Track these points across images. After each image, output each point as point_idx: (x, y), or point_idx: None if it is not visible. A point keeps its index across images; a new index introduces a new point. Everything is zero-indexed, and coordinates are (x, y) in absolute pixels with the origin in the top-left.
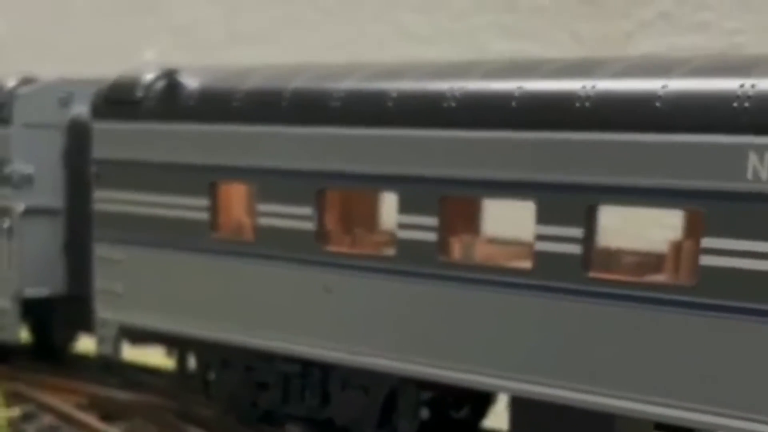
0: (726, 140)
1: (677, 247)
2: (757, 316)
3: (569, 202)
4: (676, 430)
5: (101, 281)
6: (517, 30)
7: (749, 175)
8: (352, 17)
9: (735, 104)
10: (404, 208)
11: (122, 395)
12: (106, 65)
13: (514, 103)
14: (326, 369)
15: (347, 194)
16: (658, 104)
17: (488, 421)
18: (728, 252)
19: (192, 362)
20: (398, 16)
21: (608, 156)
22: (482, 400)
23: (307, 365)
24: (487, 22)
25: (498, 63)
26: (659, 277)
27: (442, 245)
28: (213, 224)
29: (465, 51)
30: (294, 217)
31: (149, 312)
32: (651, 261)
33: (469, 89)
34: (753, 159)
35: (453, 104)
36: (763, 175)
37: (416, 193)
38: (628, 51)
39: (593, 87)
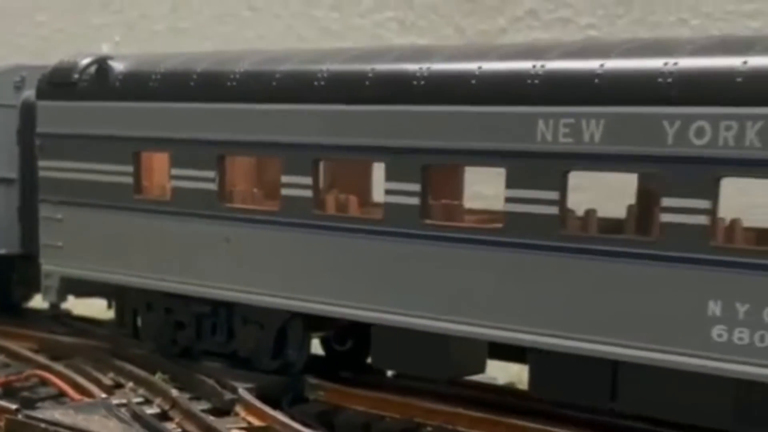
0: (521, 110)
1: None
2: (547, 251)
3: (405, 163)
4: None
5: (45, 238)
6: (412, 25)
7: (538, 137)
8: (277, 14)
9: (528, 81)
10: (287, 170)
11: (67, 340)
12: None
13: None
14: (230, 308)
15: (242, 160)
16: (473, 82)
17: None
18: (520, 199)
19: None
20: (315, 13)
21: (440, 124)
22: (363, 336)
23: (215, 306)
24: (388, 18)
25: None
26: (476, 222)
27: (318, 201)
28: (136, 187)
29: (371, 43)
30: (200, 179)
31: (85, 263)
32: (480, 214)
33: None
34: (541, 125)
35: (323, 83)
36: (549, 137)
37: (297, 158)
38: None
39: (428, 68)
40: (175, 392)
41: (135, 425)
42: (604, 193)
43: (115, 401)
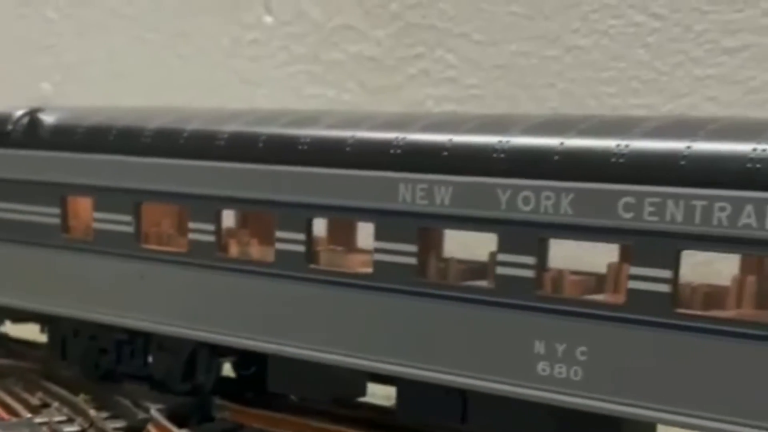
0: (387, 175)
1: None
2: (408, 295)
3: (292, 215)
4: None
5: None
6: (321, 78)
7: (400, 198)
8: (203, 63)
9: (391, 151)
10: (194, 217)
11: (1, 361)
12: (10, 96)
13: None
14: (147, 336)
15: (156, 206)
16: (348, 149)
17: None
18: (386, 250)
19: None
20: (236, 64)
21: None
22: (263, 362)
23: (133, 334)
24: (299, 71)
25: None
26: (355, 269)
27: (220, 245)
28: (63, 227)
29: (284, 92)
30: (119, 222)
31: (19, 293)
32: (359, 258)
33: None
34: (402, 188)
35: (223, 143)
36: (409, 198)
37: (202, 207)
38: (400, 97)
39: (311, 135)
40: (93, 412)
41: None
42: (460, 247)
43: (38, 420)
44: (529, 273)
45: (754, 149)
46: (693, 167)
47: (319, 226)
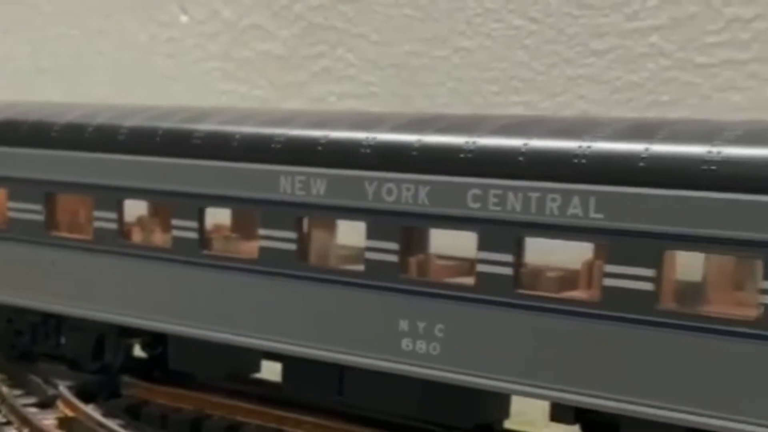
0: (266, 168)
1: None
2: (290, 278)
3: (186, 204)
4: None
5: None
6: (234, 75)
7: (281, 189)
8: (122, 59)
9: (272, 146)
10: (98, 206)
11: None
12: None
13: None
14: (59, 319)
15: (64, 197)
16: (234, 144)
17: None
18: (269, 237)
19: None
20: (154, 60)
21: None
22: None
23: (46, 316)
24: (213, 67)
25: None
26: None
27: (122, 232)
28: None
29: (199, 88)
30: (31, 211)
31: None
32: (248, 244)
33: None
34: (282, 180)
35: (123, 137)
36: (288, 189)
37: (105, 197)
38: (305, 93)
39: (205, 129)
40: (5, 389)
41: None
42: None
43: None
44: (393, 258)
45: (580, 146)
46: (529, 162)
47: (216, 215)
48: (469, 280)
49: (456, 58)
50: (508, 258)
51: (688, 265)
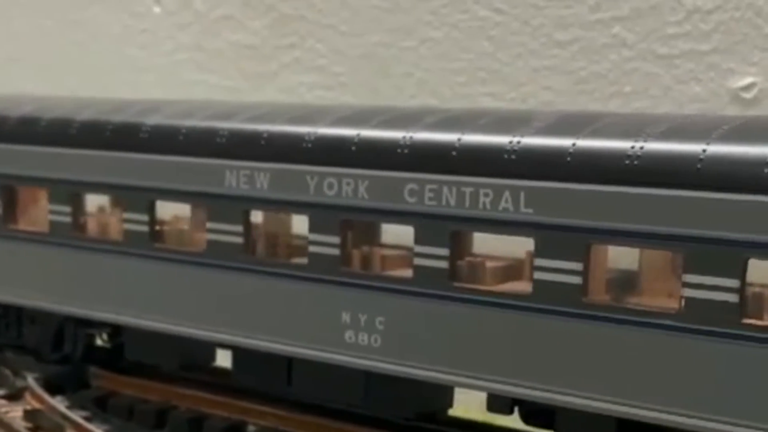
0: (211, 162)
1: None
2: (236, 271)
3: (135, 197)
4: None
5: None
6: (205, 65)
7: (226, 183)
8: (96, 50)
9: (217, 140)
10: (54, 200)
11: None
12: None
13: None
14: (20, 310)
15: (24, 190)
16: (181, 138)
17: None
18: (216, 230)
19: None
20: (127, 51)
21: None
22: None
23: (7, 308)
24: (185, 58)
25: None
26: (192, 247)
27: (76, 225)
28: None
29: (172, 79)
30: None
31: None
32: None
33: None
34: (228, 174)
35: (75, 131)
36: (234, 183)
37: (59, 191)
38: (276, 84)
39: (152, 123)
40: None
41: None
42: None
43: None
44: (334, 251)
45: (510, 142)
46: (462, 157)
47: (169, 209)
48: (407, 273)
49: (423, 49)
50: (444, 252)
51: (622, 258)
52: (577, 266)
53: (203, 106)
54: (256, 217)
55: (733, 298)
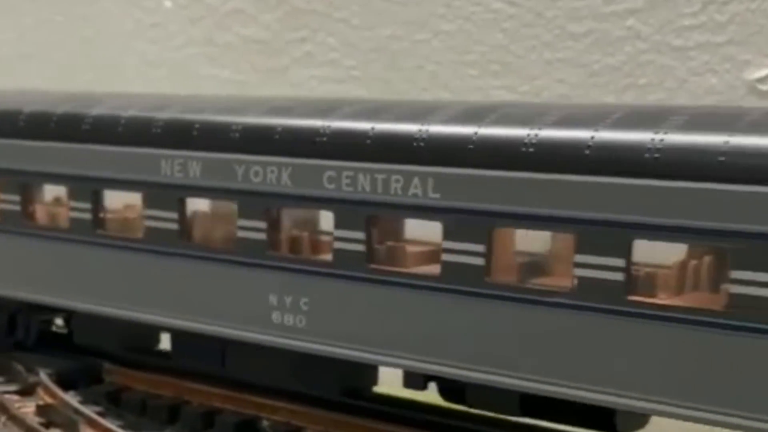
0: (148, 151)
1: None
2: (172, 256)
3: (82, 187)
4: None
5: None
6: (217, 60)
7: (162, 172)
8: (107, 45)
9: (153, 130)
10: (4, 190)
11: None
12: None
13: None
14: None
15: None
16: (120, 129)
17: None
18: (154, 217)
19: None
20: (138, 46)
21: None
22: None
23: None
24: (197, 52)
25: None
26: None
27: (26, 215)
28: None
29: (183, 74)
30: None
31: None
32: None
33: None
34: (163, 163)
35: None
36: (169, 172)
37: (10, 182)
38: (287, 78)
39: (93, 114)
40: None
41: None
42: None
43: None
44: (261, 236)
45: (419, 130)
46: (376, 145)
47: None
48: (328, 257)
49: (436, 42)
50: (360, 235)
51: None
52: (481, 248)
53: (143, 97)
54: (191, 204)
55: (619, 276)
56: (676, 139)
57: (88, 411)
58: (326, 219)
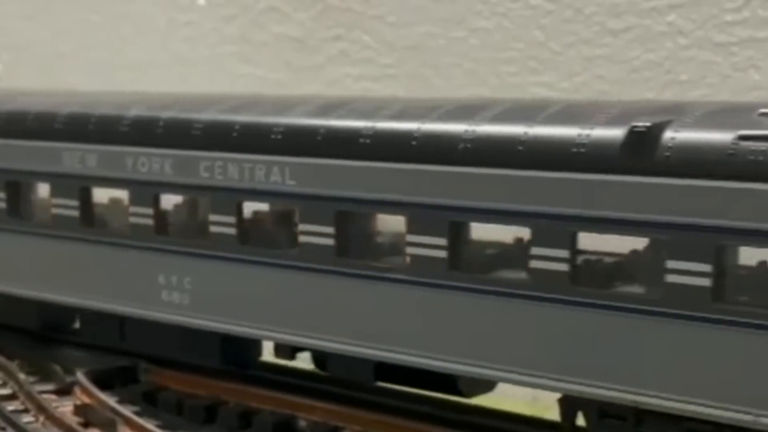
0: (52, 145)
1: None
2: (81, 242)
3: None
4: None
5: None
6: (251, 58)
7: (64, 163)
8: (142, 44)
9: (55, 125)
10: None
11: None
12: None
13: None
14: None
15: None
16: (27, 123)
17: None
18: (59, 205)
19: None
20: (172, 45)
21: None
22: None
23: None
24: (231, 51)
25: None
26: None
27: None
28: None
29: (217, 72)
30: None
31: None
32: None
33: None
34: (66, 155)
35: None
36: (70, 163)
37: None
38: (322, 76)
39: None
40: (22, 376)
41: None
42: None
43: None
44: (149, 221)
45: (277, 123)
46: (241, 137)
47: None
48: (207, 240)
49: (473, 39)
50: (232, 219)
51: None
52: (331, 230)
53: (51, 93)
54: (88, 192)
55: (443, 254)
56: (484, 130)
57: (127, 411)
58: (204, 205)
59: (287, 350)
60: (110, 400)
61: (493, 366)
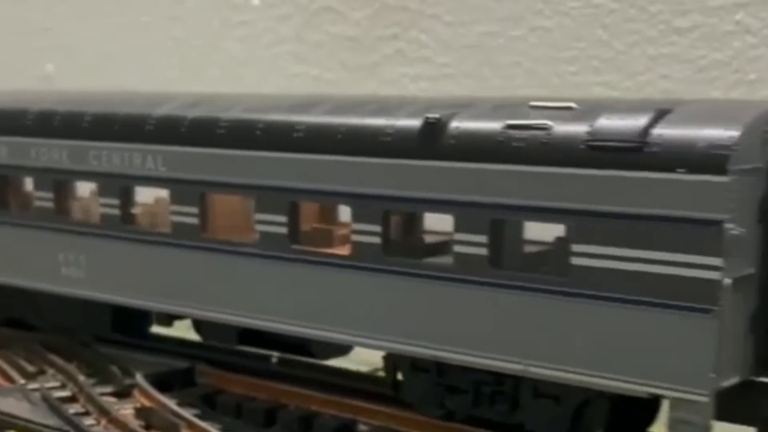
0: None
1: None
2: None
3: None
4: None
5: None
6: (305, 58)
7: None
8: (195, 44)
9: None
10: None
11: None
12: (14, 77)
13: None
14: None
15: None
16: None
17: None
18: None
19: None
20: (226, 45)
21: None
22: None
23: None
24: (285, 51)
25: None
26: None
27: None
28: None
29: (271, 72)
30: None
31: None
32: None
33: None
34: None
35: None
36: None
37: None
38: (377, 75)
39: None
40: (82, 378)
41: (42, 407)
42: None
43: (31, 386)
44: (50, 204)
45: (151, 114)
46: (121, 128)
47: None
48: (97, 220)
49: (533, 38)
50: (116, 201)
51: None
52: (195, 210)
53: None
54: (6, 181)
55: (283, 230)
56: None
57: (189, 414)
58: (94, 189)
59: (165, 318)
60: (171, 403)
61: (332, 329)
